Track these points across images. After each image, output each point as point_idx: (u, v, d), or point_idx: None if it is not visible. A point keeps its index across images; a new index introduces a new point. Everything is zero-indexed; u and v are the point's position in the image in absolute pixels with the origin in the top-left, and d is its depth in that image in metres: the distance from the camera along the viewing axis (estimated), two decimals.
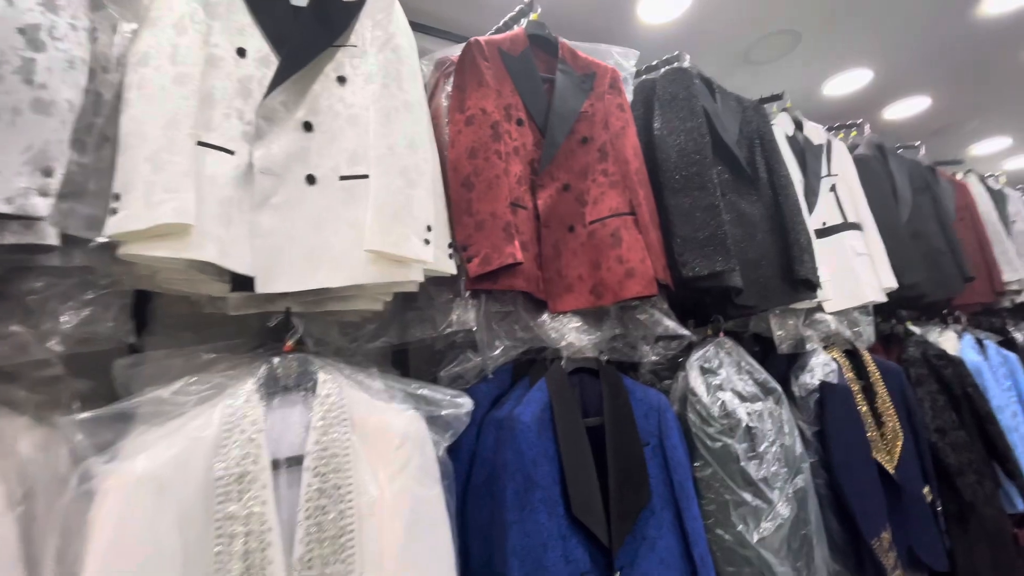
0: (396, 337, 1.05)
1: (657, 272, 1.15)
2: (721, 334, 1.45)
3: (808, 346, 1.64)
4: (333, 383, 0.84)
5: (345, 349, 0.98)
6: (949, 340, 2.22)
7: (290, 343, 0.87)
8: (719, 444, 1.19)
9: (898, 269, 1.87)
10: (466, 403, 0.91)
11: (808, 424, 1.52)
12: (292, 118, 0.91)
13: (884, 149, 2.15)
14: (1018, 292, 2.47)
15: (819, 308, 1.71)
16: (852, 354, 1.71)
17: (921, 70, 2.26)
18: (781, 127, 1.81)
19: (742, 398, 1.35)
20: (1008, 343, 2.44)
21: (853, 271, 1.72)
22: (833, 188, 1.83)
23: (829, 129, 2.30)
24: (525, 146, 1.19)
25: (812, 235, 1.69)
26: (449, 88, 1.18)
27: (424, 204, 0.92)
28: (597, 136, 1.27)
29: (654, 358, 1.21)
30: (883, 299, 1.76)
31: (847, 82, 2.29)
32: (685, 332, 1.20)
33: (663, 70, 1.43)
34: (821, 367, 1.56)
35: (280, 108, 0.91)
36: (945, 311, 2.33)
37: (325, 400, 0.83)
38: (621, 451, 1.06)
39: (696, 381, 1.24)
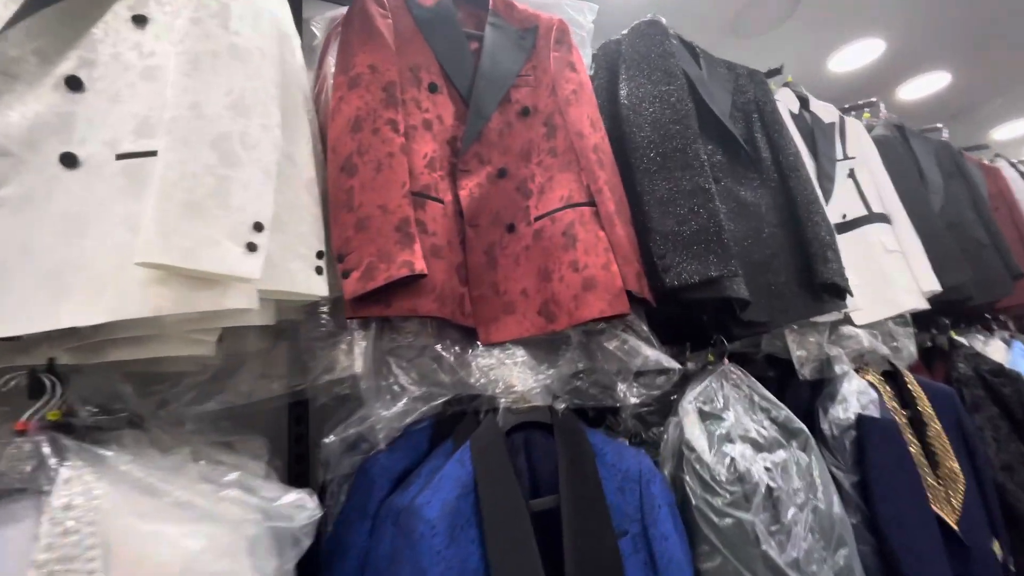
0: (240, 395, 0.71)
1: (628, 281, 0.82)
2: (725, 361, 1.11)
3: (836, 369, 1.29)
4: (82, 485, 0.51)
5: (153, 418, 0.65)
6: (997, 351, 1.87)
7: (25, 419, 0.54)
8: (729, 521, 0.85)
9: (938, 268, 1.53)
10: (305, 509, 0.58)
11: (845, 472, 1.17)
12: (49, 72, 0.60)
13: (905, 130, 1.83)
14: None
15: (846, 321, 1.37)
16: (892, 376, 1.37)
17: (942, 40, 1.95)
18: (784, 104, 1.50)
19: (758, 447, 1.01)
20: None
21: (885, 273, 1.39)
22: (852, 174, 1.51)
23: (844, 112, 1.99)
24: (441, 119, 0.88)
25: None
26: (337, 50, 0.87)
27: (253, 191, 0.60)
28: (543, 106, 0.95)
29: (634, 400, 0.87)
30: (925, 305, 1.42)
31: (855, 55, 1.97)
32: (673, 364, 0.87)
33: (631, 27, 1.12)
34: (856, 396, 1.22)
35: (30, 57, 0.60)
36: (988, 316, 1.99)
37: (61, 515, 0.49)
38: (584, 549, 0.71)
39: (693, 430, 0.90)
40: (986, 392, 1.46)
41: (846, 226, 1.45)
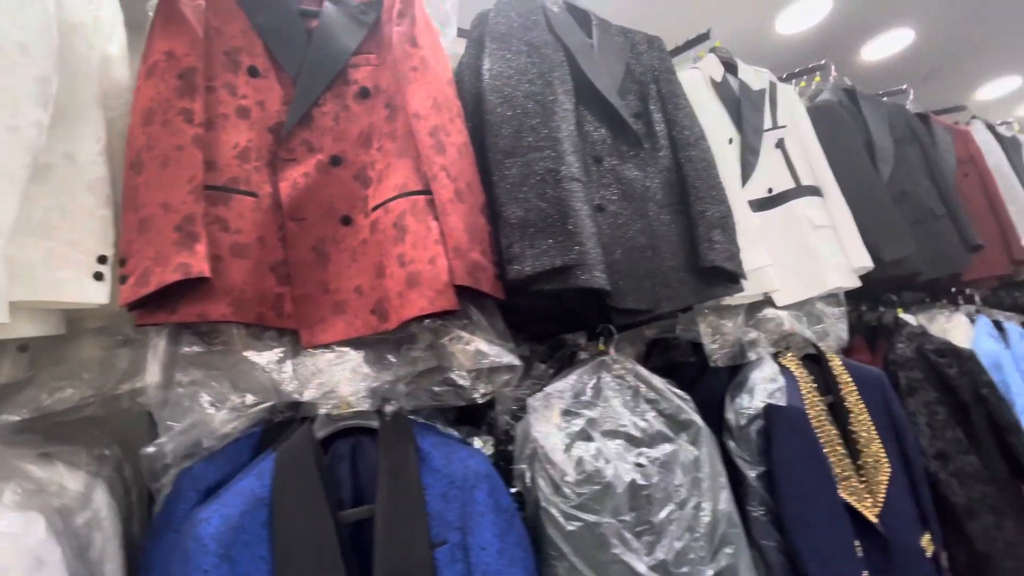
0: (28, 406, 0.68)
1: (457, 275, 0.76)
2: (611, 351, 1.05)
3: (751, 354, 1.22)
4: None
5: None
6: (960, 326, 1.77)
7: None
8: (578, 524, 0.80)
9: (879, 242, 1.44)
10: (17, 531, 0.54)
11: (750, 463, 1.11)
12: None
13: (856, 94, 1.71)
14: None
15: (768, 303, 1.30)
16: (817, 360, 1.29)
17: None
18: (706, 71, 1.40)
19: (635, 442, 0.95)
20: None
21: (811, 250, 1.30)
22: (780, 144, 1.41)
23: (789, 77, 1.88)
24: (263, 105, 0.82)
25: (746, 207, 1.29)
26: None
27: None
28: (385, 85, 0.88)
29: (479, 399, 0.82)
30: (854, 284, 1.33)
31: (805, 13, 1.83)
32: (514, 361, 0.81)
33: None
34: (764, 383, 1.15)
35: None
36: (954, 290, 1.88)
37: None
38: (395, 560, 0.67)
39: (542, 427, 0.84)
40: (926, 374, 1.37)
41: (772, 201, 1.36)
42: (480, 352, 0.77)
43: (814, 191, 1.38)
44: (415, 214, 0.79)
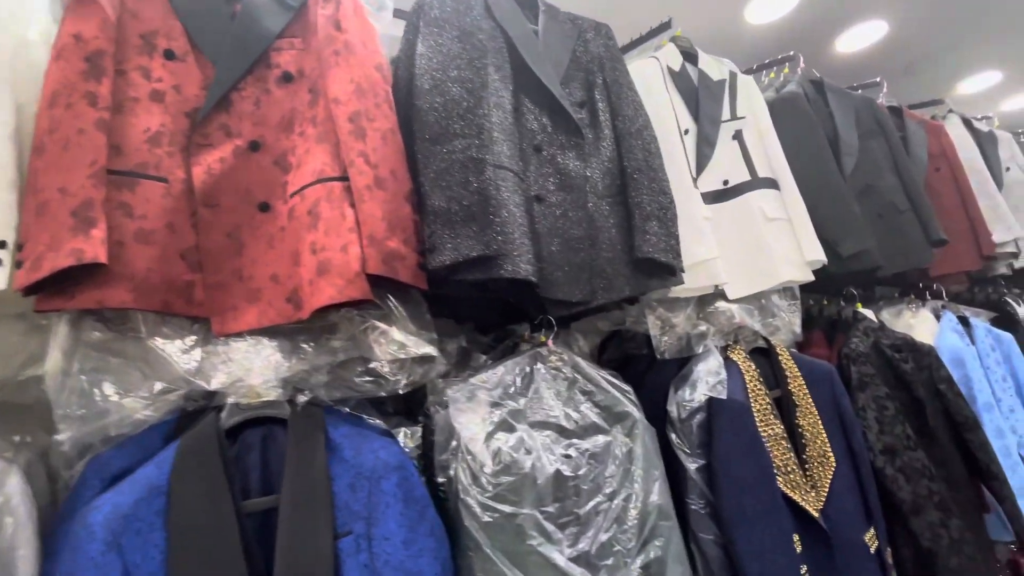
0: None
1: (370, 264, 0.75)
2: (549, 342, 1.04)
3: (699, 347, 1.22)
4: None
5: None
6: (925, 322, 1.76)
7: None
8: (493, 516, 0.79)
9: (837, 236, 1.43)
10: None
11: (691, 456, 1.11)
12: None
13: (824, 85, 1.69)
14: (1015, 255, 1.98)
15: (720, 295, 1.29)
16: (768, 354, 1.28)
17: None
18: (664, 61, 1.38)
19: (566, 433, 0.95)
20: (1006, 319, 1.97)
21: (763, 243, 1.29)
22: (738, 135, 1.39)
23: (759, 68, 1.86)
24: (179, 90, 0.80)
25: (698, 199, 1.27)
26: None
27: None
28: (309, 70, 0.87)
29: (401, 389, 0.81)
30: (807, 278, 1.32)
31: (774, 2, 1.80)
32: (431, 351, 0.80)
33: None
34: (707, 376, 1.14)
35: None
36: (922, 285, 1.87)
37: None
38: (297, 549, 0.67)
39: (463, 420, 0.83)
40: (880, 369, 1.36)
41: (727, 193, 1.34)
42: (396, 342, 0.77)
43: (770, 183, 1.37)
44: (330, 201, 0.78)
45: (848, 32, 1.97)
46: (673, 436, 1.12)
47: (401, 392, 0.82)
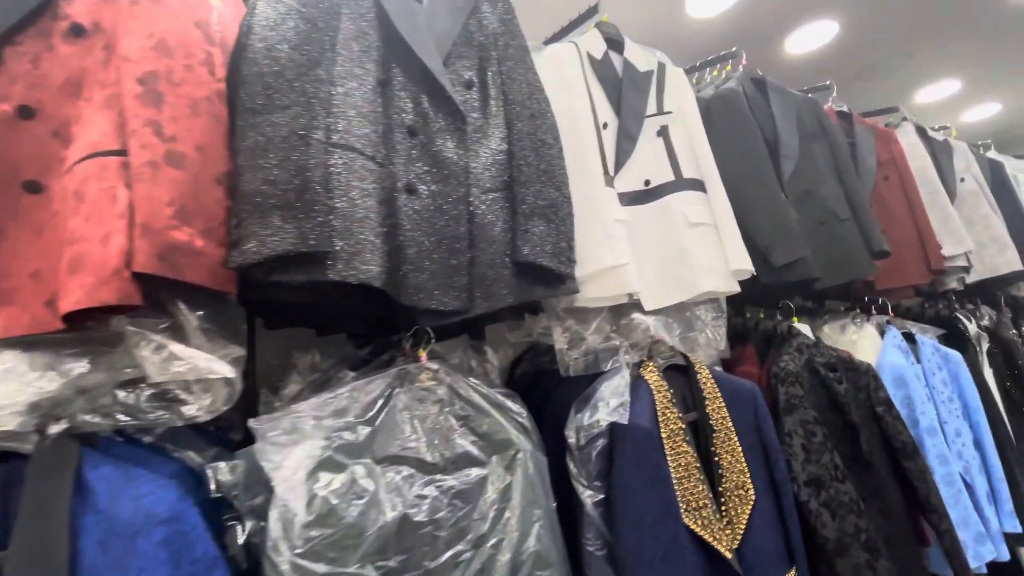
0: None
1: (138, 258, 0.60)
2: (423, 357, 0.89)
3: (608, 364, 1.08)
4: None
5: None
6: (869, 338, 1.66)
7: None
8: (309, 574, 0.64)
9: (770, 244, 1.31)
10: None
11: (589, 489, 0.97)
12: None
13: (766, 84, 1.59)
14: (965, 269, 1.91)
15: (636, 307, 1.16)
16: (686, 372, 1.15)
17: None
18: (584, 46, 1.26)
19: (424, 469, 0.80)
20: (955, 337, 1.88)
21: (684, 250, 1.17)
22: (663, 132, 1.27)
23: (702, 65, 1.75)
24: None
25: (613, 199, 1.15)
26: None
27: None
28: (109, 23, 0.71)
29: (201, 416, 0.65)
30: (731, 288, 1.20)
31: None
32: (227, 372, 0.65)
33: None
34: (611, 398, 1.01)
35: None
36: (867, 299, 1.78)
37: None
38: None
39: (275, 458, 0.68)
40: (811, 390, 1.24)
41: (648, 194, 1.22)
42: (173, 359, 0.61)
43: (696, 185, 1.25)
44: (102, 180, 0.62)
45: (798, 31, 1.87)
46: (571, 466, 0.99)
47: (202, 420, 0.66)
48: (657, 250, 1.17)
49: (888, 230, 1.66)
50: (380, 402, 0.80)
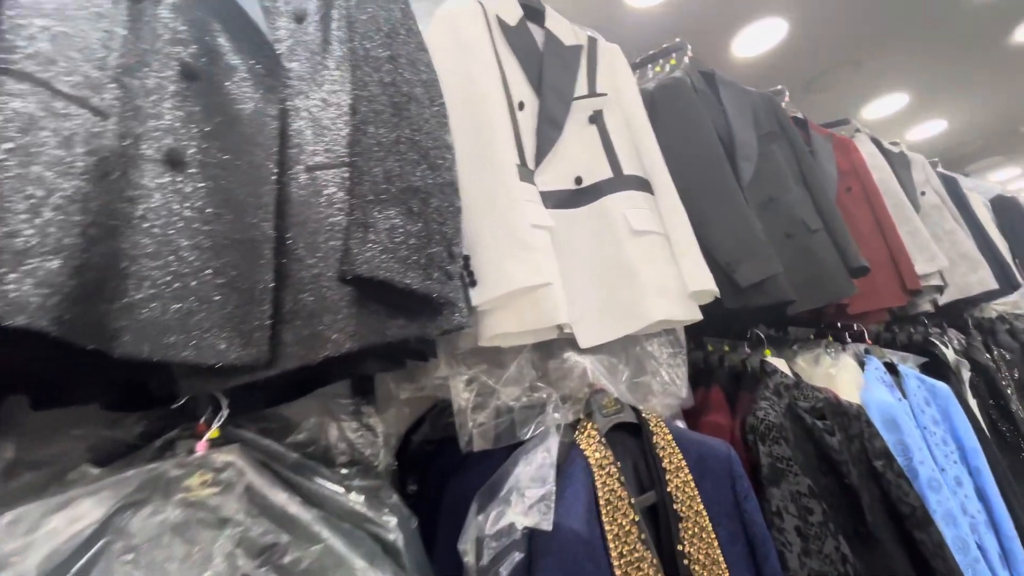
0: None
1: None
2: (199, 445, 0.54)
3: (528, 430, 0.76)
4: None
5: None
6: (847, 370, 1.41)
7: None
8: None
9: (734, 260, 1.04)
10: None
11: None
12: None
13: (715, 78, 1.36)
14: (939, 289, 1.72)
15: (569, 344, 0.85)
16: (639, 432, 0.84)
17: None
18: (492, 8, 0.98)
19: None
20: (935, 365, 1.67)
21: (628, 266, 0.87)
22: (597, 119, 1.00)
23: (643, 62, 1.53)
24: None
25: (534, 198, 0.85)
26: None
27: None
28: None
29: None
30: (690, 316, 0.91)
31: None
32: None
33: None
34: (529, 488, 0.67)
35: None
36: (840, 325, 1.54)
37: None
38: None
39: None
40: (798, 446, 0.96)
41: (581, 195, 0.93)
42: None
43: (640, 184, 0.97)
44: None
45: (747, 29, 1.69)
46: None
47: None
48: (594, 267, 0.88)
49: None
50: (91, 541, 0.44)
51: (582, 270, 0.87)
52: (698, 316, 0.91)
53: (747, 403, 1.06)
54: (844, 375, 1.39)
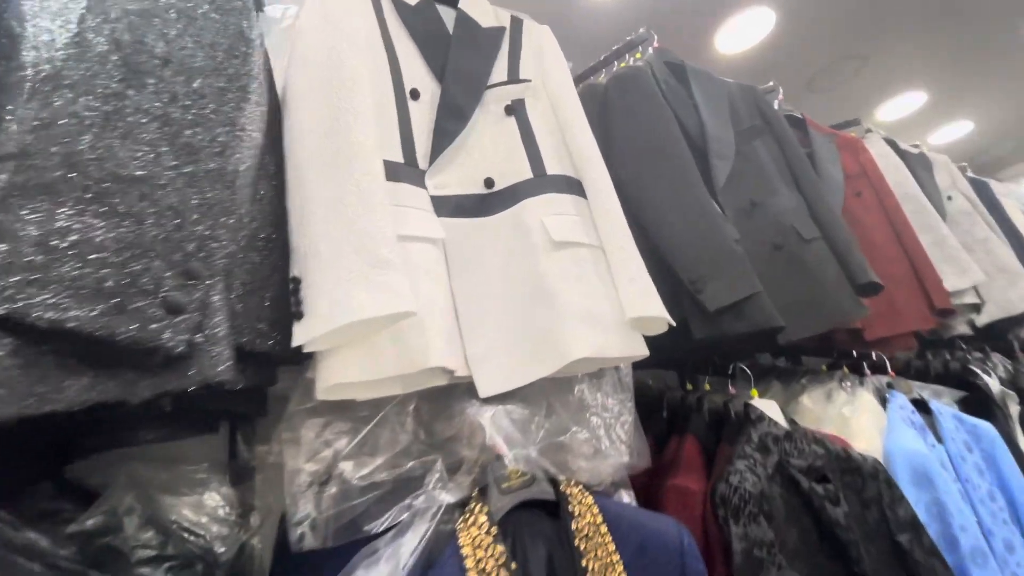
0: None
1: None
2: None
3: (379, 521, 0.55)
4: None
5: None
6: (866, 411, 1.16)
7: None
8: None
9: (701, 275, 0.83)
10: None
11: None
12: None
13: (686, 70, 1.17)
14: (975, 308, 1.45)
15: (465, 393, 0.65)
16: (556, 511, 0.62)
17: None
18: None
19: None
20: (976, 399, 1.40)
21: (544, 288, 0.67)
22: (517, 109, 0.81)
23: (604, 62, 1.36)
24: None
25: (421, 204, 0.67)
26: None
27: None
28: None
29: None
30: (632, 352, 0.69)
31: None
32: None
33: None
34: None
35: None
36: (855, 354, 1.30)
37: None
38: None
39: None
40: (787, 523, 0.72)
41: (491, 201, 0.74)
42: None
43: (568, 186, 0.77)
44: None
45: (730, 21, 1.49)
46: None
47: None
48: (503, 289, 0.68)
49: (870, 260, 1.21)
50: None
51: (488, 294, 0.68)
52: (641, 351, 0.70)
53: (725, 461, 0.83)
54: (862, 417, 1.14)
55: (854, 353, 1.30)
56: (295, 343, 0.52)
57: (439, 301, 0.62)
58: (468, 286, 0.68)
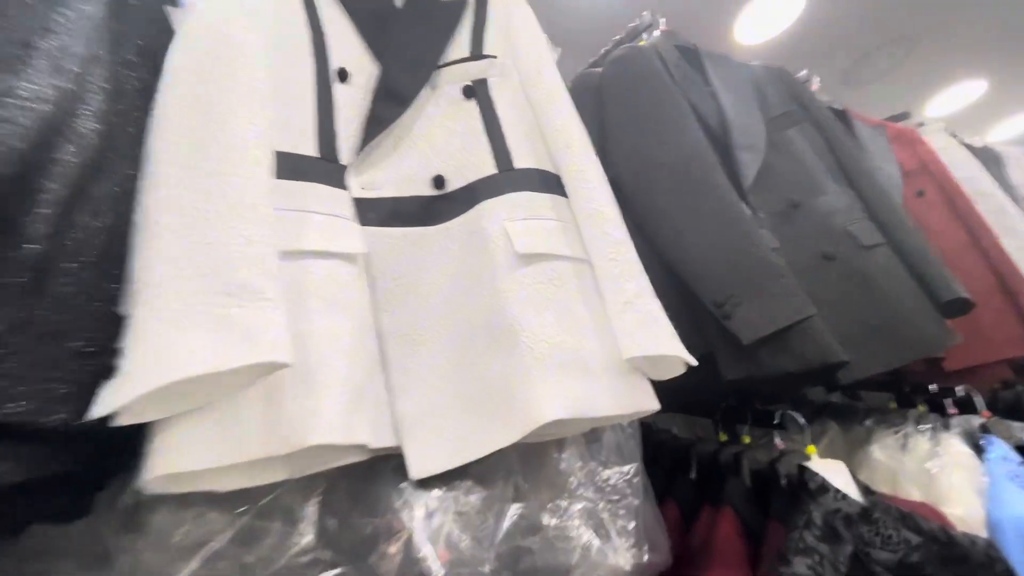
0: None
1: None
2: None
3: None
4: None
5: None
6: (958, 465, 0.90)
7: None
8: None
9: (729, 297, 0.62)
10: None
11: None
12: None
13: (700, 54, 0.99)
14: None
15: (401, 471, 0.46)
16: None
17: None
18: None
19: None
20: None
21: (502, 322, 0.48)
22: (477, 91, 0.64)
23: (605, 56, 1.18)
24: None
25: (341, 209, 0.49)
26: None
27: None
28: None
29: None
30: (633, 409, 0.49)
31: None
32: None
33: None
34: None
35: None
36: (933, 388, 1.04)
37: None
38: None
39: None
40: None
41: (440, 205, 0.56)
42: None
43: (541, 183, 0.58)
44: None
45: (750, 7, 1.29)
46: None
47: None
48: (450, 323, 0.49)
49: None
50: None
51: (428, 331, 0.49)
52: (646, 405, 0.49)
53: (776, 554, 0.60)
54: (953, 474, 0.88)
55: (929, 387, 1.05)
56: (94, 414, 0.34)
57: (344, 342, 0.43)
58: (400, 319, 0.49)
